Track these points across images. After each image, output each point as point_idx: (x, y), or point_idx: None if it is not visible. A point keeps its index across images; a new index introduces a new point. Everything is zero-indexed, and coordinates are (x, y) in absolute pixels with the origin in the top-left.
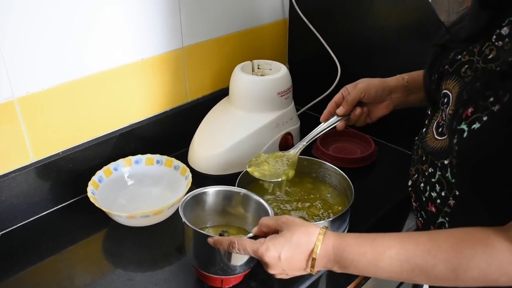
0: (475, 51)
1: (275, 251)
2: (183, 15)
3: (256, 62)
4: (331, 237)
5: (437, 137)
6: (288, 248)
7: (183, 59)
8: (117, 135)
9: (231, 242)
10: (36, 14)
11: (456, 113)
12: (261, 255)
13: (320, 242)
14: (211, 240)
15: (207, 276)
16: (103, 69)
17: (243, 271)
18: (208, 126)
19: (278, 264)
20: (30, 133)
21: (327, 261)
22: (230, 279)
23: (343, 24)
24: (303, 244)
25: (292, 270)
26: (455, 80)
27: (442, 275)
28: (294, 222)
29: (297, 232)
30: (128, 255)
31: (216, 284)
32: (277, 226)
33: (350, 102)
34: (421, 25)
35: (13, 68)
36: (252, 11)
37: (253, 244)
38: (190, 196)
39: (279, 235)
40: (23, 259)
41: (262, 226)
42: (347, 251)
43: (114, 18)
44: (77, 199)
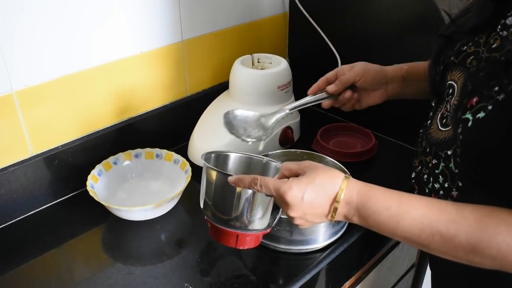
0: (480, 42)
1: (298, 190)
2: (182, 8)
3: (256, 56)
4: (356, 184)
5: (441, 128)
6: (311, 189)
7: (182, 52)
8: (117, 128)
9: (253, 179)
10: (35, 8)
11: (461, 103)
12: (283, 193)
13: (345, 186)
14: (232, 178)
15: (222, 232)
16: (102, 62)
17: (261, 229)
18: (208, 120)
19: (299, 206)
20: (29, 126)
21: (349, 209)
22: (245, 238)
23: (343, 17)
24: (328, 187)
25: (313, 215)
26: (461, 71)
27: (460, 246)
28: (317, 165)
29: (321, 174)
30: (128, 249)
31: (230, 243)
32: (299, 169)
33: (343, 82)
34: (422, 19)
35: (11, 61)
36: (252, 5)
37: (276, 182)
38: (214, 154)
39: (303, 176)
40: (23, 253)
41: (284, 170)
42: (371, 201)
43: (113, 11)
44: (77, 193)
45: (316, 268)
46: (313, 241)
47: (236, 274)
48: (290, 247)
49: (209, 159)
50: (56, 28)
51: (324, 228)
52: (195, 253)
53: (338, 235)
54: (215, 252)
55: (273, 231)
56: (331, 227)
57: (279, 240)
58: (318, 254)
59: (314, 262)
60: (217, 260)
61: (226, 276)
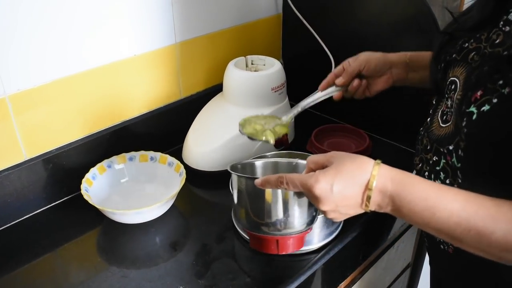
0: (482, 38)
1: (325, 182)
2: (175, 11)
3: (250, 58)
4: (390, 171)
5: (442, 124)
6: (340, 178)
7: (176, 55)
8: (111, 132)
9: (279, 178)
10: (28, 12)
11: (464, 97)
12: (310, 187)
13: (376, 173)
14: (258, 181)
15: (260, 239)
16: (96, 65)
17: (300, 230)
18: (202, 122)
19: (330, 197)
20: (22, 130)
21: (383, 197)
22: (286, 242)
23: (337, 19)
24: (357, 174)
25: (345, 206)
26: (463, 66)
27: (496, 243)
28: (344, 154)
29: (348, 162)
30: (123, 252)
31: (271, 249)
32: (325, 161)
33: (350, 73)
34: (415, 19)
35: (4, 65)
36: (246, 6)
37: (302, 177)
38: (239, 164)
39: (330, 168)
40: (17, 257)
41: (310, 163)
42: (407, 190)
43: (106, 15)
44: (71, 197)
45: (311, 269)
46: (308, 242)
47: (231, 276)
48: None
49: (236, 169)
50: (49, 32)
51: (318, 229)
52: (190, 256)
53: (333, 236)
54: (209, 254)
55: None
56: (326, 228)
57: None
58: (313, 255)
59: (309, 263)
60: (211, 262)
61: (221, 278)
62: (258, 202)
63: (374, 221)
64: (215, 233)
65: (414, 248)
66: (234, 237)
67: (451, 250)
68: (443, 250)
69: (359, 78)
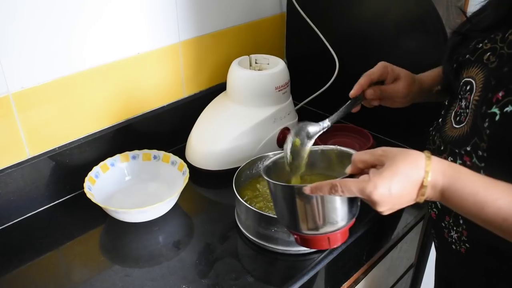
0: (497, 38)
1: (383, 187)
2: (179, 9)
3: (254, 57)
4: (441, 165)
5: (455, 125)
6: (397, 181)
7: (180, 53)
8: (114, 130)
9: (332, 185)
10: (32, 9)
11: (484, 98)
12: (369, 194)
13: (430, 169)
14: (308, 188)
15: (312, 239)
16: (99, 64)
17: (348, 222)
18: (205, 121)
19: (388, 200)
20: (25, 128)
21: (434, 192)
22: (336, 236)
23: (341, 18)
24: (412, 173)
25: (401, 203)
26: (478, 67)
27: None
28: (393, 152)
29: (402, 162)
30: (126, 251)
31: (323, 246)
32: (375, 160)
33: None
34: (420, 19)
35: (8, 63)
36: (250, 5)
37: (358, 184)
38: (270, 164)
39: (384, 169)
40: (20, 255)
41: (357, 162)
42: (457, 185)
43: (110, 13)
44: (74, 195)
45: (315, 269)
46: None
47: (234, 275)
48: (288, 248)
49: (269, 171)
50: (53, 30)
51: None
52: (193, 255)
53: None
54: (212, 253)
55: (270, 232)
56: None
57: (277, 241)
58: (316, 255)
59: (312, 263)
60: (215, 262)
61: (224, 278)
62: (305, 207)
63: (377, 222)
64: (218, 232)
65: (417, 248)
66: (237, 236)
67: (464, 250)
68: (456, 250)
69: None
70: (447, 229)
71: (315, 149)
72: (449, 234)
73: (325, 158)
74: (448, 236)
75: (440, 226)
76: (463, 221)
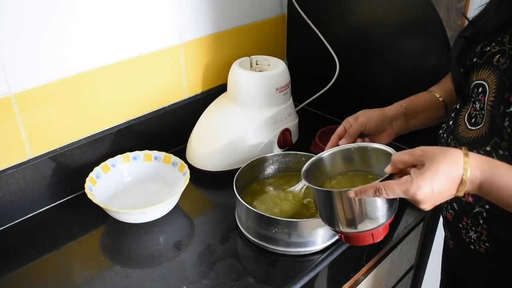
0: (505, 41)
1: (426, 187)
2: (181, 11)
3: (254, 58)
4: (479, 161)
5: (471, 127)
6: (438, 180)
7: (181, 55)
8: (115, 131)
9: (376, 189)
10: (33, 10)
11: (501, 98)
12: (413, 194)
13: (468, 166)
14: (352, 192)
15: (357, 237)
16: (101, 64)
17: (389, 218)
18: (206, 122)
19: (431, 198)
20: (27, 129)
21: (472, 186)
22: (379, 231)
23: (341, 19)
24: (452, 172)
25: (442, 199)
26: (489, 69)
27: None
28: (432, 151)
29: (442, 161)
30: (126, 251)
31: (367, 241)
32: (415, 160)
33: (352, 134)
34: (420, 20)
35: (9, 63)
36: (250, 7)
37: (402, 185)
38: (309, 166)
39: (425, 169)
40: (21, 256)
41: (398, 163)
42: (494, 179)
43: (111, 14)
44: (75, 196)
45: (315, 270)
46: (311, 243)
47: (234, 276)
48: (288, 249)
49: (309, 174)
50: (54, 31)
51: (322, 230)
52: (194, 256)
53: (337, 237)
54: (213, 254)
55: (271, 233)
56: (330, 229)
57: (278, 242)
58: (316, 256)
59: (312, 264)
60: (215, 263)
61: (225, 278)
62: (349, 208)
63: None
64: (218, 233)
65: (417, 250)
66: (238, 237)
67: (483, 250)
68: (474, 250)
69: (361, 137)
70: (465, 230)
71: (349, 147)
72: (467, 235)
73: (361, 155)
74: (466, 236)
75: (457, 227)
76: (484, 221)
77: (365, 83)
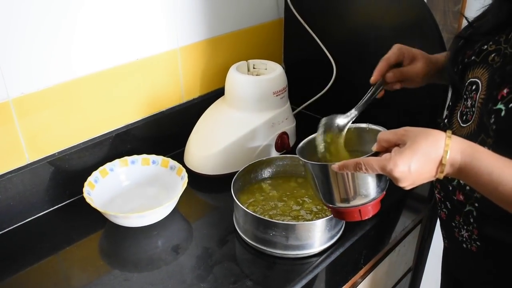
0: (501, 40)
1: (403, 165)
2: (178, 16)
3: (252, 62)
4: (461, 144)
5: (463, 124)
6: (416, 159)
7: (178, 59)
8: (113, 135)
9: (357, 163)
10: (31, 16)
11: (490, 95)
12: (390, 171)
13: (448, 148)
14: (336, 166)
15: (345, 211)
16: (99, 69)
17: (378, 196)
18: (204, 126)
19: (408, 177)
20: (25, 134)
21: (452, 169)
22: (367, 208)
23: (338, 23)
24: (432, 152)
25: (421, 180)
26: (483, 68)
27: None
28: (414, 131)
29: (422, 141)
30: (125, 255)
31: (354, 217)
32: (397, 140)
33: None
34: (416, 24)
35: (7, 69)
36: (247, 11)
37: (380, 162)
38: (304, 144)
39: (405, 148)
40: (20, 260)
41: (382, 142)
42: (474, 163)
43: (109, 19)
44: (73, 200)
45: (313, 272)
46: (309, 246)
47: (232, 279)
48: (286, 252)
49: (303, 151)
50: (52, 36)
51: (320, 233)
52: (192, 259)
53: (334, 240)
54: (211, 257)
55: (269, 236)
56: (327, 232)
57: (275, 245)
58: (314, 258)
59: (310, 267)
60: (213, 266)
61: (223, 282)
62: (338, 182)
63: (375, 225)
64: (217, 236)
65: (415, 252)
66: (235, 240)
67: (475, 249)
68: (467, 249)
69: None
70: (457, 229)
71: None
72: (459, 233)
73: (358, 136)
74: (459, 235)
75: (450, 226)
76: (474, 219)
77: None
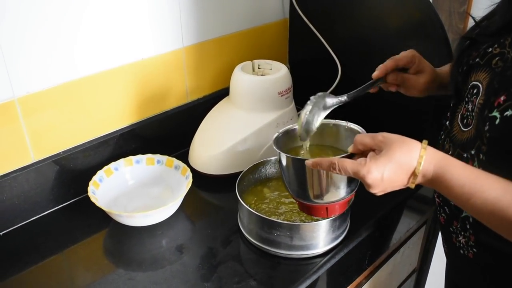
0: (506, 43)
1: (377, 172)
2: (183, 15)
3: (257, 62)
4: (434, 156)
5: (463, 128)
6: (390, 168)
7: (183, 59)
8: (118, 135)
9: (331, 163)
10: (36, 15)
11: (487, 101)
12: (363, 177)
13: (422, 160)
14: (310, 162)
15: (312, 206)
16: (104, 69)
17: (346, 196)
18: (208, 126)
19: (380, 184)
20: (30, 133)
21: (424, 180)
22: (334, 207)
23: (343, 23)
24: (405, 162)
25: (392, 187)
26: (486, 71)
27: None
28: (392, 139)
29: (397, 150)
30: (129, 254)
31: (321, 214)
32: (374, 145)
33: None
34: (421, 24)
35: (13, 68)
36: (252, 11)
37: (354, 166)
38: (281, 134)
39: (380, 156)
40: (24, 258)
41: (358, 144)
42: (446, 176)
43: (114, 18)
44: (78, 199)
45: (317, 273)
46: (313, 246)
47: (236, 279)
48: (290, 252)
49: (279, 142)
50: (58, 35)
51: (324, 233)
52: (196, 259)
53: (339, 240)
54: (215, 257)
55: (273, 236)
56: (332, 233)
57: (280, 245)
58: (318, 259)
59: (314, 267)
60: (217, 266)
61: (227, 281)
62: (308, 178)
63: (379, 226)
64: (221, 236)
65: (420, 253)
66: (240, 240)
67: (471, 255)
68: (464, 255)
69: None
70: (455, 234)
71: (327, 122)
72: (457, 239)
73: (336, 132)
74: (456, 241)
75: (449, 231)
76: (470, 226)
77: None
